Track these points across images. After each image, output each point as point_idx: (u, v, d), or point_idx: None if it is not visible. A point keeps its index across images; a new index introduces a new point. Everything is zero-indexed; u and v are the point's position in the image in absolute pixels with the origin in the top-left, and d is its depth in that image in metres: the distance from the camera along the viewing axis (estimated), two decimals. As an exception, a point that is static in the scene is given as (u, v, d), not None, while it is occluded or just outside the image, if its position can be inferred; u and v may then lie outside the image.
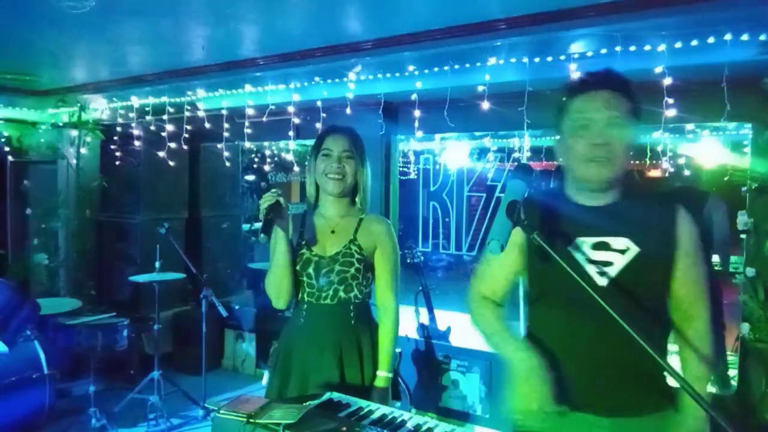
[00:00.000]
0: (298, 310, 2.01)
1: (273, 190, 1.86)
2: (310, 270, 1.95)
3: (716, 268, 4.83)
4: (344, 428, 1.40)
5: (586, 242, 1.46)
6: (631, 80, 1.47)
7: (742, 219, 3.00)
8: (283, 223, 1.87)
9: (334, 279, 1.94)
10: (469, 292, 1.70)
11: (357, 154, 2.00)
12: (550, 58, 2.91)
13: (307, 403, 1.56)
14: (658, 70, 2.73)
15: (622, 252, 1.43)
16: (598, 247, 1.45)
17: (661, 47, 2.62)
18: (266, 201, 1.80)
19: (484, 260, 1.69)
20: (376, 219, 2.07)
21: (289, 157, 5.21)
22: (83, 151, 5.03)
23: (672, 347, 1.59)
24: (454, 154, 6.17)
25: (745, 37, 2.48)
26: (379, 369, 1.98)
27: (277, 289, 1.94)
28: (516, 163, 5.20)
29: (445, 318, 4.42)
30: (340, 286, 1.94)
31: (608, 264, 1.43)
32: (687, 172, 4.36)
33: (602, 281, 1.43)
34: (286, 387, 1.95)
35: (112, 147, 5.12)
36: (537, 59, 2.95)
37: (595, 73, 1.49)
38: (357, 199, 2.05)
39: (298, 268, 1.96)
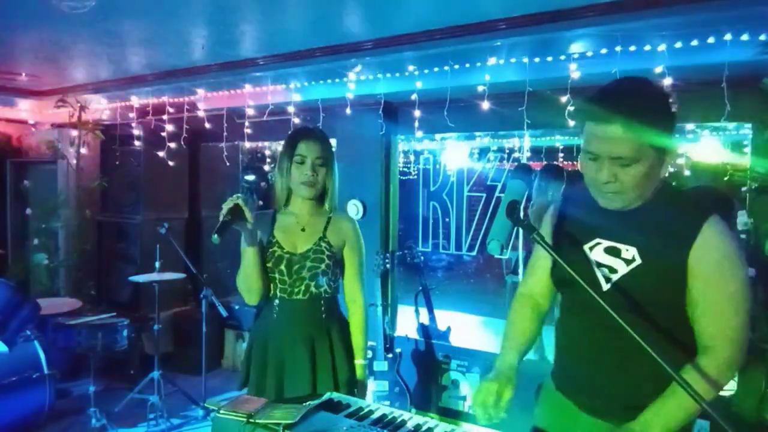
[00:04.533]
0: (270, 305, 2.07)
1: (237, 194, 1.88)
2: (282, 267, 2.02)
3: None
4: (344, 428, 1.40)
5: (601, 244, 1.44)
6: (653, 99, 1.33)
7: (742, 219, 3.00)
8: (245, 225, 1.88)
9: (305, 275, 2.01)
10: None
11: (328, 158, 2.07)
12: (550, 58, 2.91)
13: (307, 403, 1.56)
14: (658, 70, 2.73)
15: (627, 261, 1.40)
16: (609, 251, 1.43)
17: (661, 47, 2.62)
18: (227, 204, 1.84)
19: (531, 257, 1.70)
20: (344, 217, 2.18)
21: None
22: (83, 151, 5.03)
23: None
24: (454, 154, 6.17)
25: (745, 37, 2.48)
26: (356, 358, 2.12)
27: (248, 286, 2.00)
28: (516, 163, 5.20)
29: (445, 318, 4.42)
30: (311, 282, 2.01)
31: (613, 270, 1.41)
32: (687, 172, 4.37)
33: (606, 286, 1.42)
34: (264, 381, 2.04)
35: (112, 147, 5.13)
36: (537, 59, 2.95)
37: (609, 99, 1.32)
38: (326, 203, 2.13)
39: (270, 265, 2.02)
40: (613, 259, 1.41)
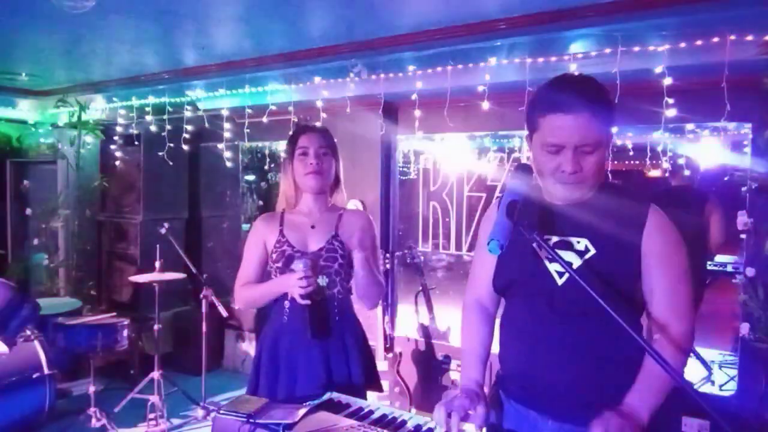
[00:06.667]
0: (280, 307, 1.99)
1: (301, 263, 1.82)
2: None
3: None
4: (344, 428, 1.40)
5: (550, 240, 1.41)
6: (604, 90, 1.36)
7: (742, 219, 3.00)
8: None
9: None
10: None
11: (333, 149, 2.03)
12: (550, 58, 2.91)
13: (307, 403, 1.56)
14: (658, 70, 2.73)
15: (581, 253, 1.38)
16: (559, 245, 1.39)
17: (661, 47, 2.62)
18: (303, 287, 1.83)
19: (473, 262, 1.67)
20: (356, 212, 2.11)
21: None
22: (83, 151, 5.03)
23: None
24: (454, 154, 6.16)
25: (745, 37, 2.48)
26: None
27: (252, 306, 2.03)
28: (516, 163, 5.20)
29: (445, 318, 4.43)
30: (322, 282, 1.93)
31: (568, 264, 1.36)
32: (687, 172, 4.36)
33: (560, 280, 1.39)
34: (275, 388, 1.95)
35: (112, 147, 5.13)
36: (537, 59, 2.95)
37: (572, 89, 1.32)
38: (336, 195, 2.08)
39: (279, 264, 1.94)
40: (565, 253, 1.38)
